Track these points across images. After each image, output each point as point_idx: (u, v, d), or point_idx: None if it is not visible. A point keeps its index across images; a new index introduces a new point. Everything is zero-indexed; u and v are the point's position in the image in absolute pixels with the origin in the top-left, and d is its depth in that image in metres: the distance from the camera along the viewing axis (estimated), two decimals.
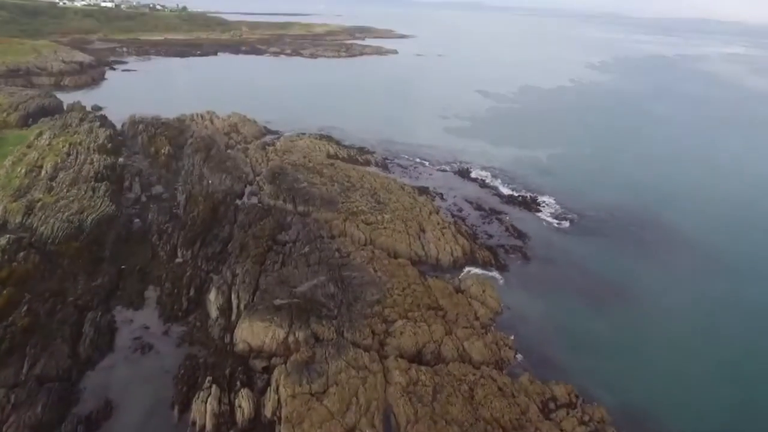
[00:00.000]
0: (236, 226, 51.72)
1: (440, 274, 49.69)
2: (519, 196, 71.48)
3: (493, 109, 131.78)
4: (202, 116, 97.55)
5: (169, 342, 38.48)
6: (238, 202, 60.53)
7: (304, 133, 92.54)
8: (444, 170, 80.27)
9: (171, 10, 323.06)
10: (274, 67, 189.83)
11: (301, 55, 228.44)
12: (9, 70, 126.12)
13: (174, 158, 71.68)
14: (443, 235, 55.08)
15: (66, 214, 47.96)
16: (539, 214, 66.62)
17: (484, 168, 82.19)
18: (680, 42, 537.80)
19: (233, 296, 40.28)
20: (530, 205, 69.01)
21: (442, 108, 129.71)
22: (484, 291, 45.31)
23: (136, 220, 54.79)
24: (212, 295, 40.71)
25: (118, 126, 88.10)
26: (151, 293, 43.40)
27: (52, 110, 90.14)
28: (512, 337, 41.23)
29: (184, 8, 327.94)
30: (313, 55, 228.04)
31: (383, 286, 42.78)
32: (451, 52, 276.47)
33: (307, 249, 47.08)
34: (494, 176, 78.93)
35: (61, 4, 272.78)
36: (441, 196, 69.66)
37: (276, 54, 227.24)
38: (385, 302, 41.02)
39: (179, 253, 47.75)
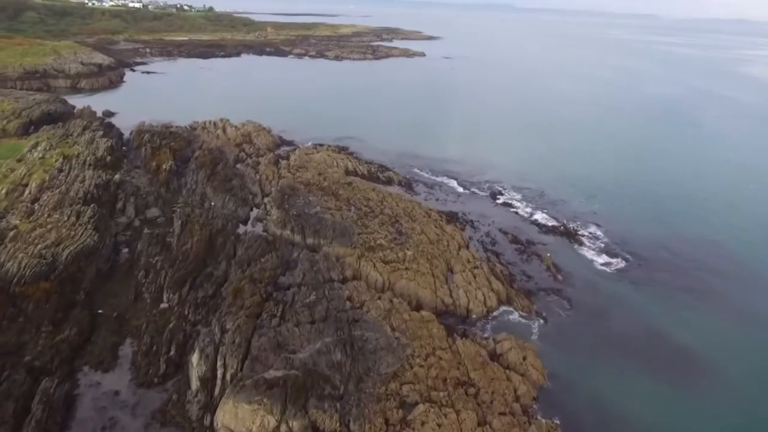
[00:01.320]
0: (234, 263, 44.65)
1: (471, 329, 41.53)
2: (561, 226, 62.48)
3: (528, 119, 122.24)
4: (215, 124, 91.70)
5: (139, 418, 31.46)
6: (241, 229, 53.58)
7: (321, 145, 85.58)
8: (474, 192, 71.74)
9: (198, 11, 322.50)
10: (296, 70, 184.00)
11: (325, 56, 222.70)
12: (26, 72, 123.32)
13: (176, 174, 65.35)
14: (475, 277, 46.85)
15: (39, 246, 41.72)
16: (585, 249, 57.55)
17: (520, 189, 73.33)
18: (719, 44, 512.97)
19: (219, 362, 33.04)
20: (574, 237, 59.98)
21: (472, 117, 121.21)
22: (524, 358, 36.95)
23: (125, 250, 48.40)
24: (195, 358, 33.57)
25: (127, 134, 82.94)
26: (127, 349, 36.59)
27: (58, 117, 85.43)
28: (557, 421, 32.90)
29: (211, 8, 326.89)
30: (337, 57, 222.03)
31: (402, 353, 34.88)
32: (479, 54, 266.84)
33: (313, 297, 39.59)
34: (532, 200, 70.02)
35: (90, 4, 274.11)
36: (471, 224, 61.28)
37: (300, 56, 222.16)
38: (404, 376, 33.14)
39: (165, 296, 40.92)
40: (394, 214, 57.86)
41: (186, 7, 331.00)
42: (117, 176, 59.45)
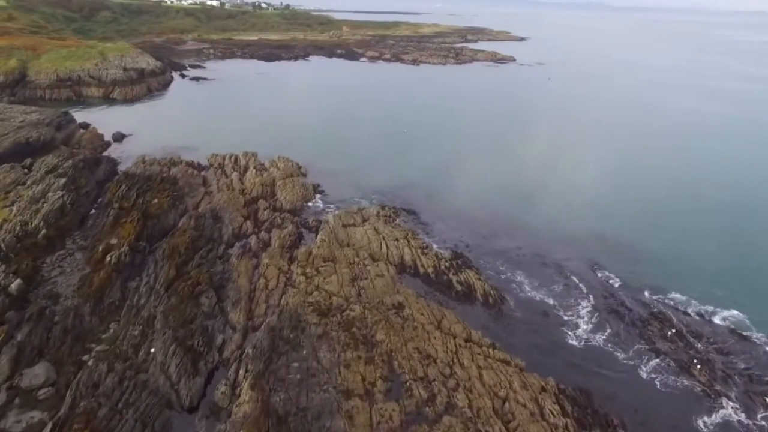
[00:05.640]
0: None
1: None
2: None
3: (681, 163, 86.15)
4: (236, 160, 68.87)
5: None
6: None
7: (368, 206, 58.80)
8: (615, 333, 40.93)
9: (275, 8, 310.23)
10: (363, 77, 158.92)
11: (401, 60, 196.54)
12: (59, 79, 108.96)
13: (128, 268, 41.43)
14: None
15: None
16: None
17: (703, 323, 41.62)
18: None
19: None
20: None
21: (586, 159, 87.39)
22: None
23: None
24: None
25: (127, 167, 62.49)
26: None
27: (41, 146, 66.11)
28: None
29: (288, 6, 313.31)
30: (415, 61, 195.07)
31: None
32: (577, 60, 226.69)
33: None
34: (740, 358, 38.22)
35: (168, 2, 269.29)
36: (622, 430, 31.21)
37: (373, 59, 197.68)
38: None
39: None
40: (475, 408, 29.62)
41: (264, 5, 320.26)
42: (16, 283, 36.25)
